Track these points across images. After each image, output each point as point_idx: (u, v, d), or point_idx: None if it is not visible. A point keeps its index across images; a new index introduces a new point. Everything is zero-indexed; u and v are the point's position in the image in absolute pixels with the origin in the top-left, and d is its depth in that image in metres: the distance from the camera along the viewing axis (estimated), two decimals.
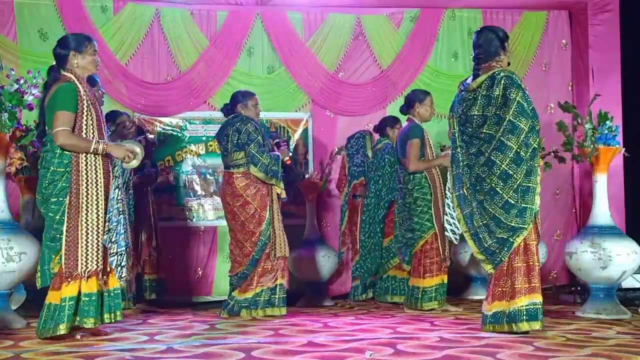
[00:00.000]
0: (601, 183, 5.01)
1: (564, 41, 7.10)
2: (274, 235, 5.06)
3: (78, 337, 3.88)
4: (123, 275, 4.08)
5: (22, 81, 4.52)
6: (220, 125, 5.40)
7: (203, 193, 6.58)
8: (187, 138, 6.60)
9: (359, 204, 6.09)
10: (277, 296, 5.02)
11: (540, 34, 7.06)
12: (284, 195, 5.12)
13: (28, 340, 3.90)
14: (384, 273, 5.89)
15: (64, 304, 3.84)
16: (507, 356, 3.32)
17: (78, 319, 3.90)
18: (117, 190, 4.05)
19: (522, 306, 3.90)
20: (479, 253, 4.04)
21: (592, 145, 4.96)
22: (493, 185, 3.92)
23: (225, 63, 6.63)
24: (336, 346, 3.65)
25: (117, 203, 4.05)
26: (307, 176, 6.44)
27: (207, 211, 6.58)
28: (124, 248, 4.11)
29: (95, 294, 3.91)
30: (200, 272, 6.49)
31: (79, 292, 3.88)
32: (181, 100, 6.56)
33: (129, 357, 3.36)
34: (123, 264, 4.08)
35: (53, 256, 3.91)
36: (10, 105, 4.44)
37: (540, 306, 3.92)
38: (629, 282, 5.75)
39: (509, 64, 4.17)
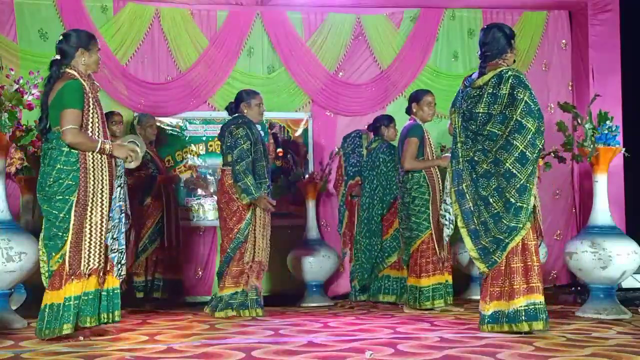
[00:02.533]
0: (601, 183, 5.00)
1: (564, 41, 7.10)
2: (253, 239, 5.01)
3: (81, 338, 3.87)
4: (122, 273, 4.08)
5: (22, 81, 4.52)
6: (220, 124, 5.42)
7: (203, 193, 6.58)
8: (187, 138, 6.60)
9: (356, 203, 6.07)
10: (250, 298, 4.99)
11: (540, 34, 7.07)
12: (245, 202, 4.96)
13: (28, 340, 3.90)
14: (379, 272, 5.85)
15: (68, 303, 3.83)
16: (507, 356, 3.32)
17: (80, 318, 3.89)
18: (119, 189, 4.06)
19: (522, 307, 3.91)
20: (473, 250, 4.04)
21: (592, 145, 4.96)
22: (499, 183, 3.94)
23: (225, 63, 6.63)
24: (336, 346, 3.65)
25: (120, 201, 4.06)
26: (307, 176, 6.45)
27: (207, 211, 6.58)
28: (124, 247, 4.12)
29: (93, 292, 3.91)
30: (200, 272, 6.49)
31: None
32: (181, 100, 6.56)
33: (129, 357, 3.36)
34: (123, 262, 4.08)
35: (54, 254, 3.89)
36: (10, 105, 4.44)
37: (540, 306, 3.92)
38: (629, 282, 5.75)
39: (514, 61, 4.18)
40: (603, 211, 5.00)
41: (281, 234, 6.57)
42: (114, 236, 4.02)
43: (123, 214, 4.08)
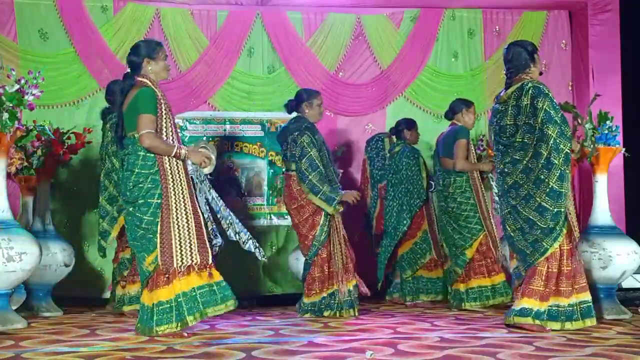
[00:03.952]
0: (601, 183, 5.01)
1: (564, 41, 7.10)
2: (339, 245, 4.98)
3: (185, 334, 4.00)
4: (258, 250, 4.35)
5: (22, 81, 4.52)
6: (220, 124, 5.39)
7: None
8: (187, 138, 6.60)
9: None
10: (344, 300, 4.94)
11: (540, 34, 7.06)
12: (330, 211, 4.92)
13: (28, 340, 3.90)
14: (413, 273, 5.82)
15: (180, 299, 3.96)
16: (507, 356, 3.32)
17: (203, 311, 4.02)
18: (212, 190, 4.28)
19: (547, 307, 4.11)
20: (515, 254, 4.27)
21: (592, 145, 4.97)
22: (529, 190, 4.11)
23: (225, 63, 6.63)
24: (336, 346, 3.65)
25: (220, 201, 4.31)
26: None
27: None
28: (241, 233, 4.37)
29: (206, 285, 4.03)
30: None
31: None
32: (181, 100, 6.55)
33: (129, 357, 3.36)
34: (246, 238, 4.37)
35: (146, 256, 4.00)
36: (10, 105, 4.44)
37: (562, 308, 4.12)
38: (629, 282, 5.74)
39: (541, 73, 4.36)
40: (603, 211, 5.00)
41: (282, 234, 6.60)
42: (237, 230, 4.30)
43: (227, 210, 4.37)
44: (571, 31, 7.10)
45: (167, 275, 3.96)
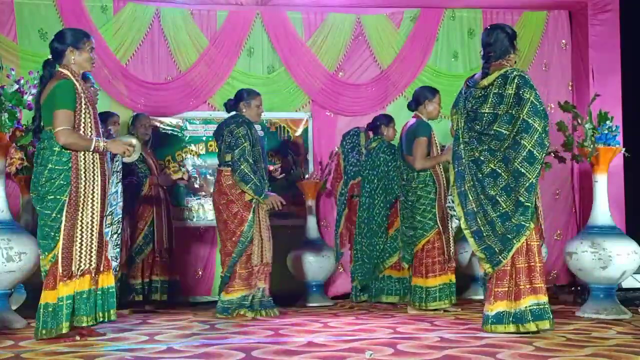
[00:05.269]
0: (601, 183, 5.01)
1: (563, 41, 7.10)
2: (260, 240, 5.02)
3: (78, 338, 3.87)
4: (117, 269, 4.12)
5: (22, 81, 4.52)
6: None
7: (203, 193, 6.58)
8: (187, 138, 6.61)
9: (357, 203, 6.04)
10: (258, 300, 5.00)
11: (540, 34, 7.06)
12: (260, 200, 4.96)
13: (28, 340, 3.90)
14: (380, 273, 5.81)
15: (61, 303, 3.83)
16: (507, 356, 3.32)
17: (76, 318, 3.90)
18: (119, 185, 4.07)
19: (527, 307, 3.93)
20: (479, 251, 4.05)
21: (592, 145, 4.97)
22: (509, 182, 3.94)
23: (225, 63, 6.63)
24: (336, 346, 3.65)
25: (120, 198, 4.07)
26: (307, 176, 6.45)
27: (207, 211, 6.57)
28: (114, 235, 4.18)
29: (87, 292, 3.91)
30: (200, 272, 6.49)
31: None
32: (181, 100, 6.56)
33: (129, 357, 3.36)
34: (117, 256, 4.10)
35: (46, 253, 3.89)
36: (10, 105, 4.44)
37: (544, 306, 3.94)
38: (629, 282, 5.75)
39: (515, 62, 4.19)
40: (603, 211, 5.00)
41: (281, 234, 6.57)
42: (118, 231, 4.03)
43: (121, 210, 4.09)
44: (571, 31, 7.10)
45: (65, 278, 3.83)
